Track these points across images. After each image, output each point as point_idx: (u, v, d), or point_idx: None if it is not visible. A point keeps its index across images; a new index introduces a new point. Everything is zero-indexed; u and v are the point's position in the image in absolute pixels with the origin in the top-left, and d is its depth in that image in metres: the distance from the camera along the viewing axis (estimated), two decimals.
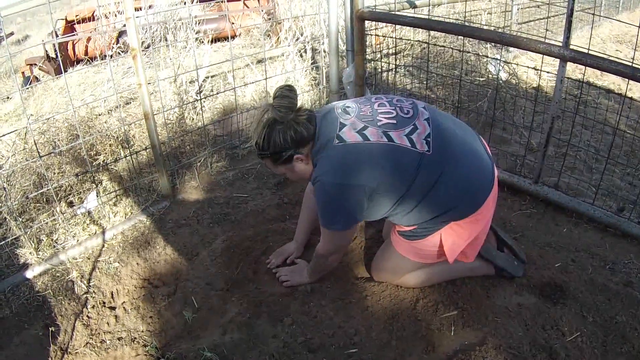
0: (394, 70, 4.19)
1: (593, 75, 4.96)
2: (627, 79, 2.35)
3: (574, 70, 4.76)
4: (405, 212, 1.98)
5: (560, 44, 2.46)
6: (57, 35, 5.61)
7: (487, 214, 2.07)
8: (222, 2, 3.16)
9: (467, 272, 2.29)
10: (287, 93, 1.87)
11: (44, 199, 3.08)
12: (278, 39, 5.33)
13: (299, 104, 1.91)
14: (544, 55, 2.54)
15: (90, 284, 2.51)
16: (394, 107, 1.97)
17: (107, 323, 2.30)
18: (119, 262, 2.62)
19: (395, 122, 1.91)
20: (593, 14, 3.04)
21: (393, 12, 3.55)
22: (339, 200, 1.89)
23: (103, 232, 2.84)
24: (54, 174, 3.22)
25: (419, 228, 2.04)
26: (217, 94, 4.54)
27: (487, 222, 2.12)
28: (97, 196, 3.07)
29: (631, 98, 3.91)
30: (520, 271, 2.28)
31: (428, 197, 1.91)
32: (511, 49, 5.14)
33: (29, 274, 2.57)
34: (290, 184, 3.22)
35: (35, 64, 5.45)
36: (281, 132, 1.88)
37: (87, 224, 2.93)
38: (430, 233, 2.03)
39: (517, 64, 4.74)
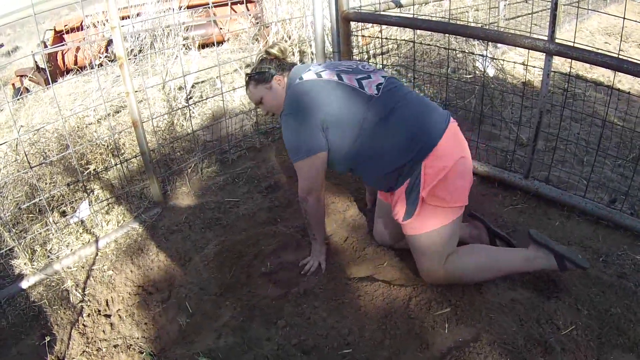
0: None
1: (582, 69, 4.98)
2: (614, 71, 2.37)
3: (563, 64, 4.77)
4: (370, 155, 2.14)
5: (546, 38, 2.48)
6: (46, 46, 5.60)
7: (451, 152, 2.05)
8: (209, 7, 3.16)
9: (522, 265, 2.19)
10: (279, 44, 2.39)
11: (37, 210, 3.08)
12: (266, 42, 5.33)
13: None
14: (531, 50, 2.55)
15: (85, 292, 2.52)
16: (357, 65, 2.30)
17: (103, 331, 2.31)
18: (113, 270, 2.62)
19: (350, 70, 2.23)
20: (577, 7, 3.06)
21: (378, 12, 3.55)
22: (297, 129, 2.16)
23: (96, 241, 2.84)
24: (46, 184, 3.22)
25: (404, 169, 2.07)
26: (206, 99, 4.54)
27: (456, 162, 2.06)
28: (89, 205, 3.07)
29: (619, 89, 3.92)
30: (586, 262, 2.12)
31: (384, 134, 2.09)
32: (499, 44, 5.16)
33: (25, 284, 2.58)
34: (280, 186, 3.23)
35: (26, 75, 5.43)
36: (266, 62, 2.35)
37: (80, 233, 2.93)
38: (413, 172, 2.05)
39: (505, 60, 4.75)
